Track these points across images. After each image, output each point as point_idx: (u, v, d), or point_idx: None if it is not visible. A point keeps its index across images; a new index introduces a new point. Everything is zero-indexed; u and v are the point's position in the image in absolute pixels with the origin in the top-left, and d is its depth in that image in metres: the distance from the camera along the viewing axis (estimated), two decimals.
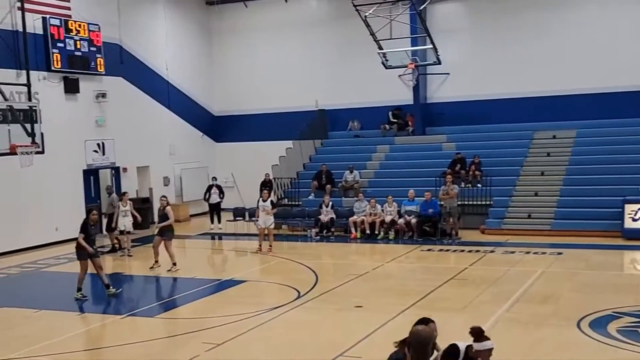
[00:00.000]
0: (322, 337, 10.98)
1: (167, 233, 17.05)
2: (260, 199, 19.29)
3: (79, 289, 14.39)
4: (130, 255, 19.00)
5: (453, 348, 6.74)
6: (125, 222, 18.93)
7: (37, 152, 17.39)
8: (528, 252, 17.66)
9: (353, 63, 26.78)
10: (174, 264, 16.88)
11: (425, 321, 6.07)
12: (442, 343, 7.17)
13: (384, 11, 23.62)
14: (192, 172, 27.51)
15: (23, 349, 11.03)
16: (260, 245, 19.01)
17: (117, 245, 19.66)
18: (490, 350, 6.51)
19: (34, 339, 11.61)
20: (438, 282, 14.59)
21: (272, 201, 19.73)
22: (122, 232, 19.15)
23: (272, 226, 19.27)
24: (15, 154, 16.81)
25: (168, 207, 17.11)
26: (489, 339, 6.56)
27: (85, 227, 14.36)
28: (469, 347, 6.58)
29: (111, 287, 14.61)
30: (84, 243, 14.20)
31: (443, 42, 24.49)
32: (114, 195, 20.14)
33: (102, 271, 14.64)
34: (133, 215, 18.77)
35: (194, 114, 28.46)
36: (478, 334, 6.63)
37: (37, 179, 20.28)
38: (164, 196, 17.79)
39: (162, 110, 26.62)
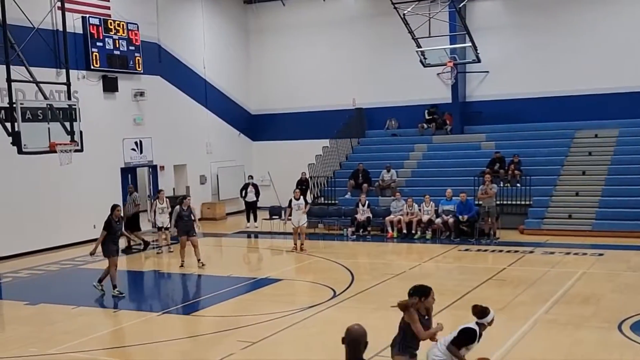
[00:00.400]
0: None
1: (192, 231, 17.20)
2: (293, 197, 19.21)
3: (115, 286, 14.50)
4: (171, 251, 19.19)
5: (470, 330, 7.34)
6: (162, 219, 19.12)
7: (76, 151, 17.50)
8: (568, 253, 17.32)
9: (391, 61, 26.59)
10: (199, 260, 17.10)
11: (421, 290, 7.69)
12: (480, 346, 7.11)
13: (423, 9, 23.39)
14: (228, 171, 27.60)
15: (63, 344, 11.16)
16: (295, 244, 18.98)
17: (133, 243, 19.86)
18: (493, 319, 7.43)
19: (73, 335, 11.73)
20: (475, 283, 14.38)
21: (305, 200, 19.79)
22: (159, 229, 19.33)
23: (306, 225, 19.21)
24: (55, 152, 16.97)
25: (193, 206, 17.48)
26: (489, 311, 7.44)
27: (109, 224, 14.45)
28: (481, 326, 7.38)
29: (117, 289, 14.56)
30: (100, 241, 14.33)
31: (482, 40, 24.18)
32: (136, 194, 20.27)
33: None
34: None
35: (231, 112, 28.56)
36: (481, 312, 7.42)
37: (75, 177, 20.53)
38: (188, 196, 17.81)
39: (200, 109, 26.77)
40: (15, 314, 13.57)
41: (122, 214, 15.48)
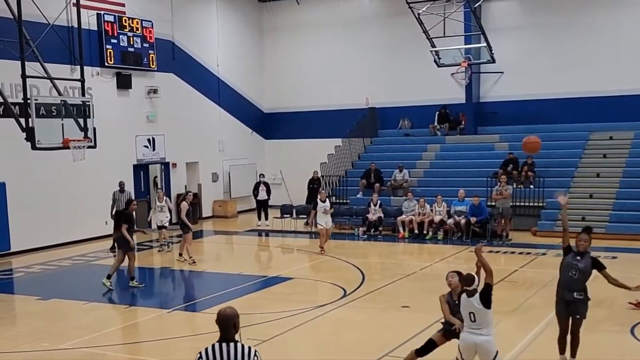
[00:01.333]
0: (368, 337, 10.84)
1: (183, 228, 17.38)
2: (319, 199, 18.91)
3: (133, 278, 14.84)
4: (169, 251, 19.22)
5: (469, 276, 8.31)
6: (161, 217, 19.16)
7: (90, 147, 17.55)
8: None
9: (404, 61, 26.51)
10: (190, 257, 17.30)
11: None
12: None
13: (438, 9, 23.31)
14: (240, 169, 27.63)
15: (74, 340, 11.23)
16: (321, 247, 18.45)
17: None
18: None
19: (85, 330, 11.79)
20: None
21: (330, 201, 19.69)
22: (159, 227, 19.35)
23: (332, 227, 19.11)
24: (68, 148, 17.03)
25: (183, 203, 17.60)
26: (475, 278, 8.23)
27: (130, 218, 14.79)
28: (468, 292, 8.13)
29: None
30: (127, 234, 14.57)
31: (497, 41, 24.06)
32: (128, 191, 20.34)
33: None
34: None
35: (243, 110, 28.58)
36: (469, 280, 8.25)
37: (88, 174, 20.60)
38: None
39: (213, 107, 26.81)
40: (27, 309, 13.65)
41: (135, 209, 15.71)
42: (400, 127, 27.08)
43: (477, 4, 23.39)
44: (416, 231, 20.71)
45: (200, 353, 5.37)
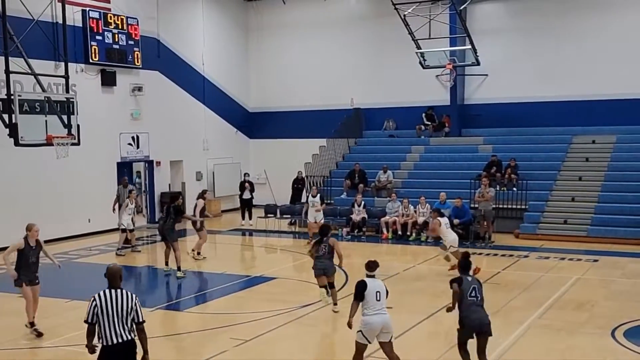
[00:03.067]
0: (351, 337, 10.83)
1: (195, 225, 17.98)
2: (310, 195, 19.50)
3: (179, 268, 15.77)
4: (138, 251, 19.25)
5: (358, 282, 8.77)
6: (129, 220, 18.88)
7: (73, 144, 17.51)
8: (563, 258, 17.34)
9: (390, 62, 26.59)
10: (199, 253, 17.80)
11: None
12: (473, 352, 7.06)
13: (424, 10, 23.40)
14: (224, 168, 27.56)
15: (56, 338, 11.18)
16: (310, 239, 18.71)
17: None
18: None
19: (66, 328, 11.73)
20: None
21: (321, 197, 20.23)
22: (123, 231, 18.96)
23: (322, 221, 19.21)
24: (52, 145, 16.96)
25: (200, 200, 18.08)
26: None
27: (181, 211, 16.49)
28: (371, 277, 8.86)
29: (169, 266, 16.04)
30: (191, 219, 16.54)
31: (482, 43, 24.18)
32: (131, 186, 20.37)
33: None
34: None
35: (228, 109, 28.52)
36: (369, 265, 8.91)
37: (71, 170, 20.46)
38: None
39: (197, 105, 26.72)
40: (7, 307, 13.50)
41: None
42: (385, 128, 27.15)
43: (463, 7, 23.50)
44: (399, 232, 20.77)
45: (94, 297, 7.00)
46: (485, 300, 9.19)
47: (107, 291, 7.04)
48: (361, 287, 8.60)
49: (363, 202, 21.69)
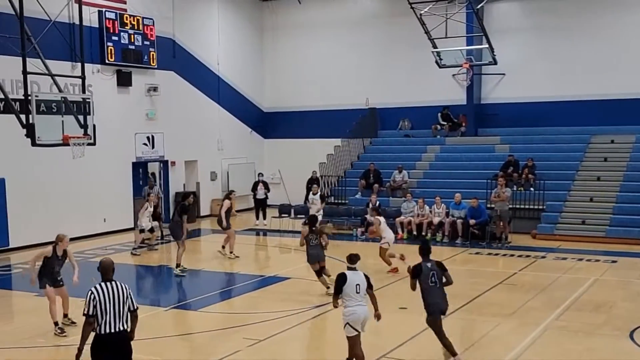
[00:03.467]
0: (365, 338, 10.76)
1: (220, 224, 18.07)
2: (311, 192, 19.44)
3: (178, 266, 15.86)
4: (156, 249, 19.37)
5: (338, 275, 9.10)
6: (147, 222, 19.14)
7: (89, 144, 17.54)
8: (581, 259, 17.14)
9: (406, 62, 26.46)
10: (231, 252, 17.96)
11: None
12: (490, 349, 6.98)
13: (440, 9, 23.25)
14: (239, 168, 27.55)
15: (71, 337, 11.18)
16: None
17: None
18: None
19: (79, 328, 11.65)
20: (486, 287, 14.25)
21: (321, 195, 20.44)
22: (142, 231, 19.23)
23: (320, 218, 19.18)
24: (68, 145, 17.02)
25: (226, 200, 18.22)
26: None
27: (186, 210, 16.41)
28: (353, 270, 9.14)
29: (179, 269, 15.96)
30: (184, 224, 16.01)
31: (499, 42, 24.01)
32: (157, 187, 20.48)
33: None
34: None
35: (243, 109, 28.52)
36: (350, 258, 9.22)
37: (87, 170, 20.54)
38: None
39: (212, 105, 26.74)
40: (24, 305, 13.59)
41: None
42: (400, 127, 27.03)
43: (480, 6, 23.33)
44: (415, 232, 20.66)
45: (91, 290, 7.45)
46: (502, 301, 9.12)
47: (102, 284, 7.53)
48: (341, 281, 8.86)
49: (378, 202, 21.58)
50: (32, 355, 10.48)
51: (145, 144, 23.60)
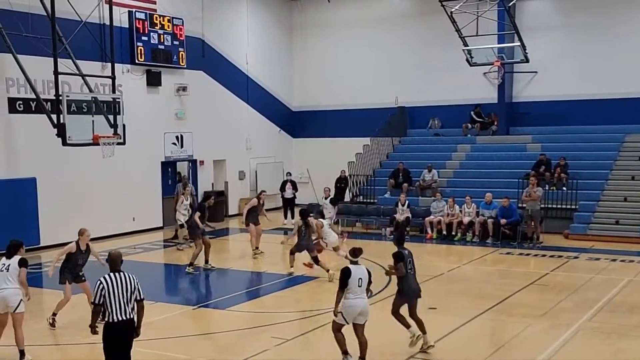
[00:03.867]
0: (393, 337, 10.67)
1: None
2: (322, 197, 19.40)
3: (191, 264, 15.90)
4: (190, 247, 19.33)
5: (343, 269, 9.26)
6: (182, 217, 19.34)
7: (119, 143, 17.74)
8: (614, 260, 16.81)
9: (435, 60, 26.23)
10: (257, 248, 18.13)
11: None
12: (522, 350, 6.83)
13: (471, 7, 22.98)
14: (267, 167, 27.57)
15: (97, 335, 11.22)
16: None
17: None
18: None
19: None
20: (516, 287, 14.03)
21: (331, 199, 20.32)
22: (181, 226, 19.42)
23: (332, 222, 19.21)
24: (98, 144, 17.19)
25: (254, 199, 18.69)
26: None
27: (203, 209, 16.44)
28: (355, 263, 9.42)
29: (209, 263, 16.26)
30: (198, 221, 15.99)
31: (531, 40, 23.67)
32: (190, 186, 20.66)
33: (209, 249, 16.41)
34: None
35: (272, 108, 28.53)
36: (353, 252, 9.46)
37: (117, 170, 20.68)
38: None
39: (241, 105, 26.78)
40: (54, 303, 13.58)
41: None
42: (430, 126, 26.82)
43: (512, 3, 23.03)
44: (444, 232, 20.46)
45: (100, 280, 7.82)
46: (533, 302, 8.97)
47: (111, 274, 7.90)
48: (345, 276, 9.11)
49: (407, 202, 21.43)
50: (62, 352, 10.54)
51: (174, 144, 23.71)
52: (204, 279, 16.18)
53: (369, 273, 9.38)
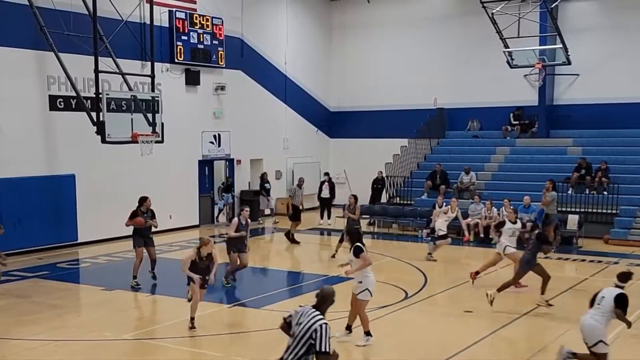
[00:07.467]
0: (428, 340, 10.57)
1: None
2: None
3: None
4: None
5: (624, 295, 9.06)
6: None
7: (157, 142, 17.88)
8: None
9: (475, 61, 25.96)
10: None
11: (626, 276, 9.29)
12: None
13: (512, 8, 22.68)
14: (304, 167, 27.52)
15: (136, 330, 11.41)
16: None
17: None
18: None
19: (147, 322, 11.96)
20: (555, 292, 13.76)
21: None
22: None
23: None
24: (137, 142, 17.36)
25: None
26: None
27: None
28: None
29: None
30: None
31: (574, 42, 23.28)
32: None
33: None
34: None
35: (309, 108, 28.55)
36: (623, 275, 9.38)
37: (155, 168, 20.84)
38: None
39: (279, 104, 26.85)
40: (91, 299, 13.90)
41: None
42: (469, 128, 26.54)
43: (554, 4, 22.64)
44: (482, 235, 20.21)
45: (326, 322, 6.67)
46: (571, 307, 8.80)
47: (308, 307, 6.79)
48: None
49: (444, 204, 21.19)
50: (99, 348, 10.65)
51: (211, 142, 23.85)
52: (240, 278, 16.22)
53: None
